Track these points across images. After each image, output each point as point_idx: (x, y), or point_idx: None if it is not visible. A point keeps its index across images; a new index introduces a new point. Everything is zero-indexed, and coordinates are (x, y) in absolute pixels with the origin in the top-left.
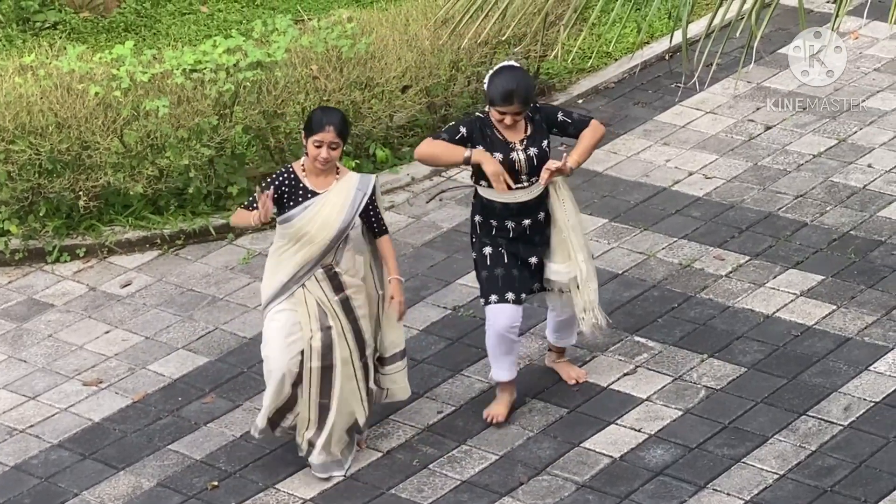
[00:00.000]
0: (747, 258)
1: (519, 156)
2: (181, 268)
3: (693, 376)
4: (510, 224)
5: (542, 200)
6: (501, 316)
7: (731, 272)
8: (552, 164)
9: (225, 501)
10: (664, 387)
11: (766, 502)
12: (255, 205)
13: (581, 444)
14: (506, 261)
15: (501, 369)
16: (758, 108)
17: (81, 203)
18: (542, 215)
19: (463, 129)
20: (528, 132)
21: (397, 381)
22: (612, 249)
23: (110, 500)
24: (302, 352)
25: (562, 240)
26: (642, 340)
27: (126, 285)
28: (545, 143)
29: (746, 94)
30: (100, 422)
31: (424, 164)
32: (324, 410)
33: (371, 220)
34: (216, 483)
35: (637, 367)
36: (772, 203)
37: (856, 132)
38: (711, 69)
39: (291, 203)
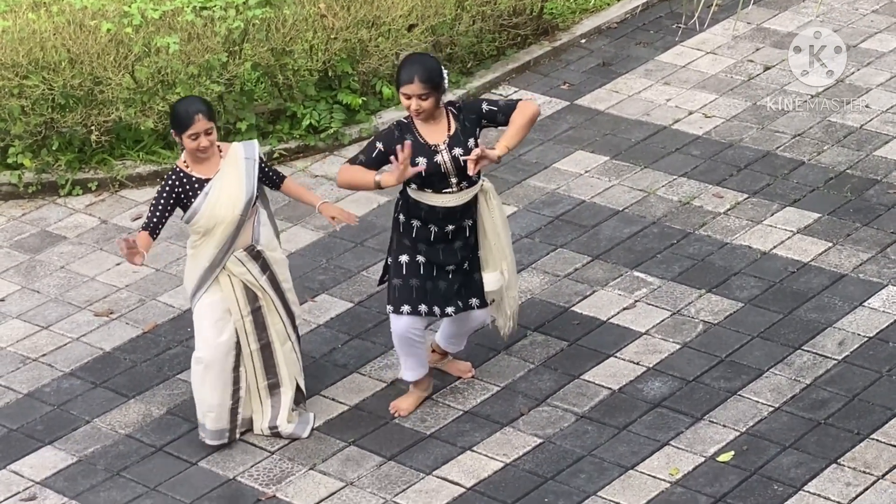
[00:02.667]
0: (745, 196)
1: (444, 157)
2: None
3: (691, 311)
4: (433, 228)
5: (471, 207)
6: (407, 324)
7: (729, 209)
8: (475, 152)
9: None
10: (662, 321)
11: (761, 434)
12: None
13: (581, 377)
14: (422, 272)
15: (408, 369)
16: (757, 49)
17: (93, 137)
18: (468, 222)
19: (379, 145)
20: (452, 132)
21: None
22: (613, 187)
23: (121, 427)
24: (238, 343)
25: (491, 249)
26: (642, 275)
27: (137, 218)
28: (471, 141)
29: (746, 35)
30: (111, 351)
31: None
32: (274, 388)
33: (270, 177)
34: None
35: (636, 301)
36: (770, 142)
37: (853, 73)
38: (711, 10)
39: (192, 199)
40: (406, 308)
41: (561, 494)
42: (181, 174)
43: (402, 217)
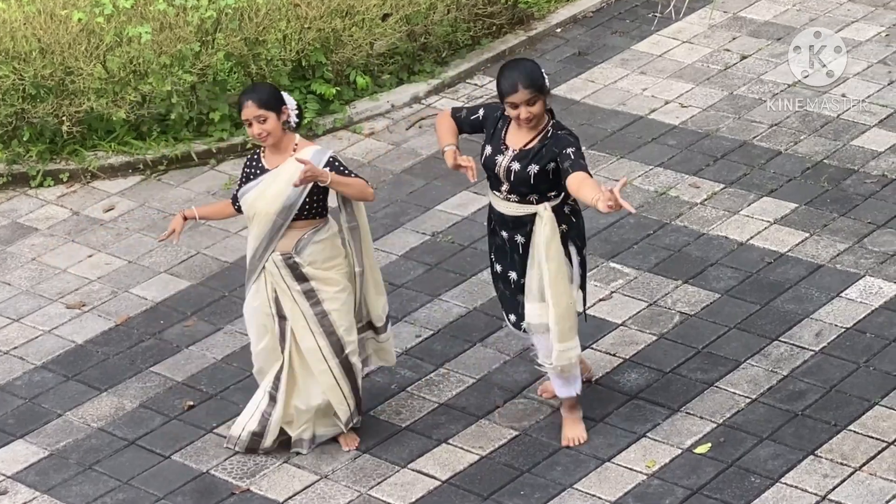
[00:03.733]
0: (722, 186)
1: (502, 161)
2: (163, 193)
3: (667, 302)
4: (495, 225)
5: (525, 224)
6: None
7: (705, 200)
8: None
9: (206, 423)
10: (639, 312)
11: (738, 426)
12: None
13: None
14: (493, 276)
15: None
16: (734, 38)
17: (65, 128)
18: (518, 238)
19: (481, 112)
20: (529, 146)
21: (388, 350)
22: None
23: (93, 420)
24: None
25: (537, 278)
26: (618, 266)
27: (109, 210)
28: (535, 168)
29: (722, 24)
30: (83, 344)
31: None
32: (271, 400)
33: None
34: (192, 403)
35: (612, 292)
36: (747, 132)
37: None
38: None
39: (250, 180)
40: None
41: (537, 487)
42: (254, 157)
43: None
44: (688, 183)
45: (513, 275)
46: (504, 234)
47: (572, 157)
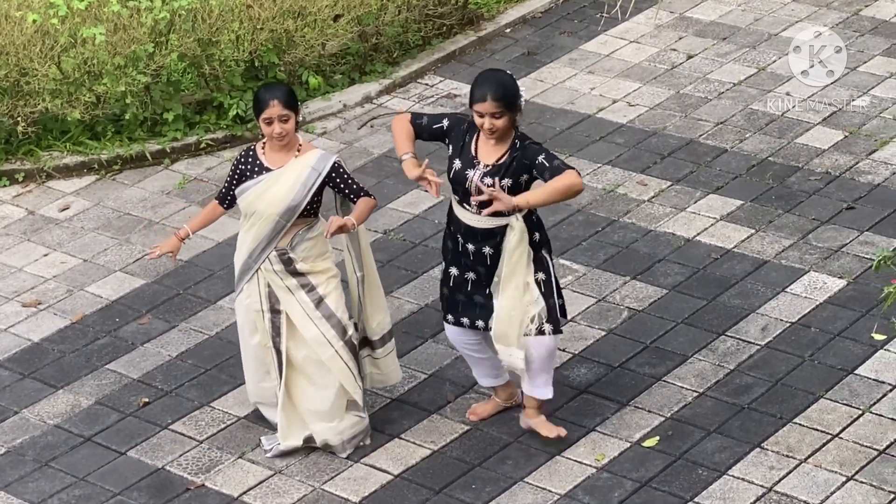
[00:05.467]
0: (669, 183)
1: (473, 176)
2: (118, 192)
3: (616, 298)
4: (459, 238)
5: (495, 236)
6: (450, 333)
7: (653, 197)
8: (489, 189)
9: (161, 419)
10: (588, 308)
11: (686, 419)
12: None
13: None
14: (451, 284)
15: (478, 375)
16: (680, 38)
17: (20, 128)
18: (487, 250)
19: (445, 122)
20: (500, 161)
21: (389, 365)
22: None
23: (49, 417)
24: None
25: (499, 288)
26: (567, 263)
27: (64, 209)
28: (509, 182)
29: (669, 24)
30: (39, 342)
31: None
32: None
33: (345, 193)
34: (147, 399)
35: (562, 288)
36: (693, 130)
37: (775, 61)
38: None
39: (247, 178)
40: (443, 313)
41: (488, 481)
42: (250, 154)
43: (446, 220)
44: (635, 181)
45: (472, 276)
46: (471, 246)
47: (548, 163)
